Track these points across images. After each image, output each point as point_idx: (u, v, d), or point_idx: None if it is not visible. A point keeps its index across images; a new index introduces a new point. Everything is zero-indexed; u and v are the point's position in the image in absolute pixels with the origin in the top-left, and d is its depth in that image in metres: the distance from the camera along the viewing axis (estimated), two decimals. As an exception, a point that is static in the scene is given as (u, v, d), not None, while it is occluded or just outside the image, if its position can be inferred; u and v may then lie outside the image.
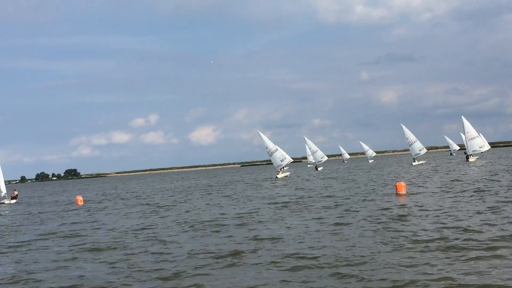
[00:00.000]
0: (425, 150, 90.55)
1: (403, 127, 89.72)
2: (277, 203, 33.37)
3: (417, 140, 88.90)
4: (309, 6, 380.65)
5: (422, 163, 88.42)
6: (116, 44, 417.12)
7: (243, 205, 33.89)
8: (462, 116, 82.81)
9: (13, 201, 62.87)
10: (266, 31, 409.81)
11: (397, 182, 36.07)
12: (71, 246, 20.76)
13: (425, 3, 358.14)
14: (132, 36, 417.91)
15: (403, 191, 33.59)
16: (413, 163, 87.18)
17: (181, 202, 41.38)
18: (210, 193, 51.74)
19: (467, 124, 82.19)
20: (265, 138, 74.76)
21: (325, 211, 26.66)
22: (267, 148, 74.10)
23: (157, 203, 42.17)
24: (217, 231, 21.94)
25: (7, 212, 47.22)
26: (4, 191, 62.33)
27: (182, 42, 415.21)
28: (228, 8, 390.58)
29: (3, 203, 61.30)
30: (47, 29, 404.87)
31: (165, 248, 18.46)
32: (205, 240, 19.85)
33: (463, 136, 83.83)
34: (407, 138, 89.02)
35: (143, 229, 24.63)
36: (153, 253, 17.56)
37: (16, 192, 66.80)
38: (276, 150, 73.63)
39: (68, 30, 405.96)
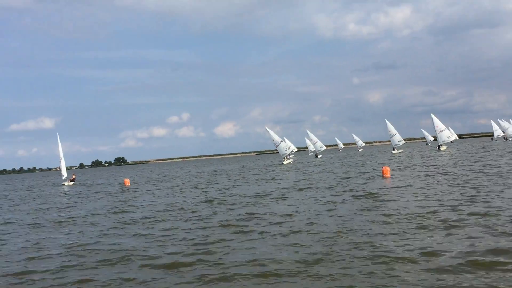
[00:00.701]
0: (403, 142, 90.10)
1: (387, 121, 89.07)
2: (284, 186, 33.28)
3: (398, 133, 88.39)
4: (310, 24, 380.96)
5: (401, 152, 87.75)
6: (155, 56, 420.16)
7: (257, 187, 33.81)
8: (431, 114, 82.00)
9: (72, 183, 63.14)
10: (275, 45, 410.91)
11: (383, 167, 36.16)
12: (117, 221, 20.65)
13: (405, 21, 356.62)
14: (168, 50, 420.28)
15: (388, 174, 33.52)
16: (393, 152, 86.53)
17: (210, 184, 41.47)
18: (229, 176, 51.80)
19: (435, 119, 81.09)
20: (271, 132, 74.61)
21: (324, 191, 26.41)
22: (273, 140, 74.10)
23: (186, 184, 42.23)
24: (233, 208, 21.78)
25: (67, 191, 47.40)
26: (65, 175, 63.16)
27: (208, 54, 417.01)
28: (244, 26, 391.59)
29: (64, 184, 62.04)
30: (102, 44, 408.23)
31: (195, 221, 18.34)
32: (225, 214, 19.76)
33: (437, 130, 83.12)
34: (389, 131, 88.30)
35: (174, 205, 24.55)
36: (187, 223, 17.49)
37: (74, 176, 67.48)
38: (281, 141, 74.03)
39: (118, 45, 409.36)
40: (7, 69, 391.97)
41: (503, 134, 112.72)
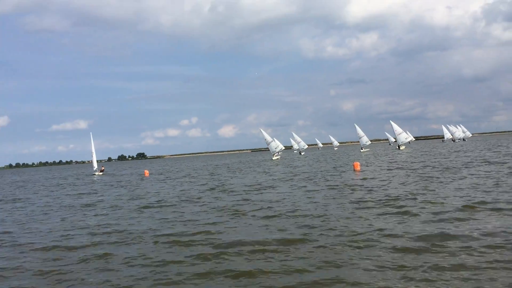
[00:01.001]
0: (370, 142, 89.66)
1: (356, 126, 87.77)
2: (275, 177, 33.19)
3: (365, 135, 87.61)
4: (296, 47, 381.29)
5: (368, 150, 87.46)
6: (170, 71, 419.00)
7: (251, 178, 33.69)
8: (391, 121, 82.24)
9: (101, 173, 63.05)
10: (268, 63, 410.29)
11: (354, 162, 35.96)
12: (136, 205, 20.48)
13: (373, 45, 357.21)
14: (181, 66, 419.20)
15: (358, 168, 33.34)
16: (361, 150, 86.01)
17: (212, 175, 41.32)
18: (229, 169, 51.64)
19: (394, 125, 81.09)
20: (264, 133, 73.94)
21: (305, 182, 26.21)
22: (265, 140, 73.36)
23: (195, 175, 42.09)
24: (231, 195, 21.69)
25: (97, 180, 47.18)
26: (95, 166, 63.94)
27: (213, 70, 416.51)
28: (243, 48, 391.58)
29: (95, 174, 62.16)
30: (127, 61, 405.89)
31: (199, 205, 18.20)
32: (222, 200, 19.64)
33: (396, 133, 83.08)
34: (358, 133, 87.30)
35: (183, 193, 24.40)
36: (194, 207, 17.36)
37: (103, 168, 67.47)
38: (272, 141, 73.37)
39: (140, 62, 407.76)
40: (50, 80, 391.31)
41: (451, 137, 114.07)
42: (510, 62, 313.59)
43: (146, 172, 53.62)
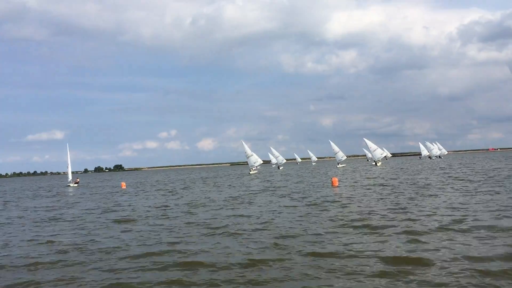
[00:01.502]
0: (345, 157, 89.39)
1: (331, 142, 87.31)
2: (252, 190, 32.75)
3: (340, 151, 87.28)
4: (277, 62, 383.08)
5: (343, 166, 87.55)
6: (150, 83, 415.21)
7: (228, 191, 33.17)
8: (364, 138, 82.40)
9: (76, 185, 62.40)
10: (248, 77, 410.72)
11: (332, 178, 35.84)
12: (106, 218, 19.78)
13: (351, 62, 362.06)
14: (161, 78, 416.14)
15: (336, 183, 33.26)
16: (338, 166, 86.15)
17: (185, 188, 40.58)
18: (206, 183, 50.95)
19: (368, 142, 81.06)
20: (246, 146, 73.34)
21: (282, 197, 25.86)
22: (246, 153, 72.66)
23: (171, 189, 41.35)
24: (207, 209, 21.14)
25: (71, 193, 45.93)
26: (70, 178, 63.25)
27: (193, 82, 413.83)
28: (223, 61, 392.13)
29: (69, 186, 61.35)
30: (107, 72, 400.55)
31: (168, 220, 17.62)
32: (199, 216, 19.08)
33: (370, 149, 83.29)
34: (333, 149, 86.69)
35: (158, 207, 23.77)
36: (163, 225, 16.78)
37: (78, 179, 66.77)
38: (252, 155, 72.90)
39: (120, 73, 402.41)
40: (27, 90, 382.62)
41: (428, 153, 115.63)
42: (484, 82, 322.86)
43: (123, 184, 52.85)
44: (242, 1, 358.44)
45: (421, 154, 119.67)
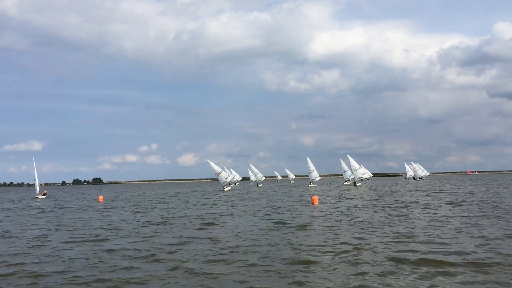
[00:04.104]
0: (319, 178, 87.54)
1: (308, 159, 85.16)
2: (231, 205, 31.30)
3: (315, 170, 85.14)
4: (259, 79, 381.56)
5: (315, 186, 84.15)
6: (131, 96, 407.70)
7: (201, 208, 31.68)
8: (348, 155, 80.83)
9: (44, 196, 65.10)
10: (231, 94, 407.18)
11: (313, 196, 36.10)
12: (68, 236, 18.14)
13: (333, 81, 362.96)
14: (142, 92, 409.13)
15: (316, 202, 33.54)
16: (310, 185, 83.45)
17: (162, 203, 38.88)
18: (187, 201, 49.20)
19: (351, 160, 79.57)
20: (212, 164, 68.62)
21: (255, 217, 24.46)
22: (214, 171, 68.15)
23: (147, 204, 39.60)
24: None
25: (38, 204, 44.01)
26: (38, 190, 65.07)
27: (175, 97, 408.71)
28: (206, 77, 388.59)
29: (37, 197, 63.29)
30: (88, 84, 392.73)
31: (134, 239, 16.11)
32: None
33: (352, 168, 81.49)
34: (309, 167, 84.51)
35: (120, 224, 22.17)
36: (125, 240, 15.25)
37: (45, 191, 69.32)
38: (221, 171, 69.91)
39: (101, 85, 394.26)
40: (4, 99, 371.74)
41: (413, 174, 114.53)
42: (463, 105, 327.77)
43: (101, 197, 52.00)
44: (226, 18, 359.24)
45: (406, 175, 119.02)
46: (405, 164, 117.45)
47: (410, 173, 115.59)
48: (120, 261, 12.43)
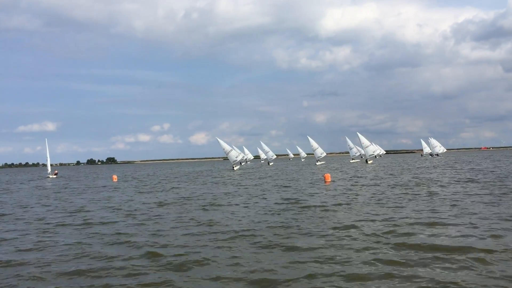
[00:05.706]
0: (325, 154, 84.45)
1: (309, 138, 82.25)
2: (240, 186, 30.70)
3: (319, 147, 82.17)
4: (270, 57, 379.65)
5: (322, 163, 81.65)
6: (143, 76, 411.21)
7: (206, 189, 31.14)
8: (358, 133, 78.81)
9: (55, 176, 67.30)
10: (242, 72, 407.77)
11: (325, 174, 36.39)
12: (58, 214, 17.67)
13: (345, 58, 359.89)
14: (154, 71, 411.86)
15: (329, 179, 33.69)
16: (317, 163, 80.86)
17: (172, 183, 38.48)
18: (197, 178, 48.80)
19: (361, 137, 77.58)
20: (221, 142, 66.43)
21: (274, 192, 23.85)
22: (224, 149, 66.28)
23: (157, 184, 39.29)
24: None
25: (49, 184, 44.89)
26: (49, 170, 67.57)
27: (187, 76, 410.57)
28: (217, 56, 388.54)
29: (49, 177, 65.33)
30: (99, 64, 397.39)
31: (138, 221, 15.54)
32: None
33: (363, 146, 79.68)
34: (312, 145, 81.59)
35: (129, 205, 21.66)
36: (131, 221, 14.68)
37: (56, 171, 72.38)
38: (231, 150, 68.56)
39: (112, 65, 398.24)
40: (18, 80, 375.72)
41: (430, 151, 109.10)
42: (477, 81, 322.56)
43: (115, 177, 52.48)
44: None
45: (422, 151, 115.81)
46: (422, 140, 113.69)
47: (426, 150, 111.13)
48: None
